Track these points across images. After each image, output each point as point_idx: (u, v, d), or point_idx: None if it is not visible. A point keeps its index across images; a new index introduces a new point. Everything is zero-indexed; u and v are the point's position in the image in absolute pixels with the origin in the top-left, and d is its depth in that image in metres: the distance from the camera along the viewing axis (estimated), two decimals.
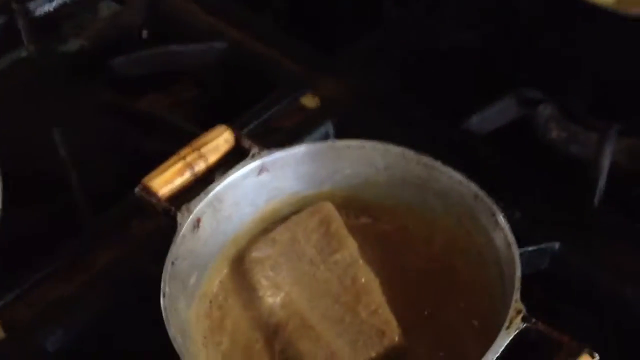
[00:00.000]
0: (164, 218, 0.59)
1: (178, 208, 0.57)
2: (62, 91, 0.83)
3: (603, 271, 0.64)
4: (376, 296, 0.58)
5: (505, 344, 0.48)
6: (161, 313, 0.52)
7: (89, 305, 0.65)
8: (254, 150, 0.62)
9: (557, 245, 0.66)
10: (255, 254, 0.60)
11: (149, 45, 0.91)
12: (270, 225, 0.63)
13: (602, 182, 0.71)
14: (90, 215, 0.71)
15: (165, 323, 0.50)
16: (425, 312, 0.58)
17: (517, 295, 0.50)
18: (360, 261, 0.60)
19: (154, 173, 0.59)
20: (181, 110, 0.88)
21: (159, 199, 0.58)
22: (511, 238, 0.54)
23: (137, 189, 0.58)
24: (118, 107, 0.83)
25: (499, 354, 0.48)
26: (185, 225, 0.56)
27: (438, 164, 0.60)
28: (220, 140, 0.62)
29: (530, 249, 0.64)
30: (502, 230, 0.55)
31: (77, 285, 0.66)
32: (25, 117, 0.81)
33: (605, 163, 0.72)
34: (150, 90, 0.91)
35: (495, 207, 0.56)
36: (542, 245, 0.65)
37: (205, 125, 0.69)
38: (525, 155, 0.76)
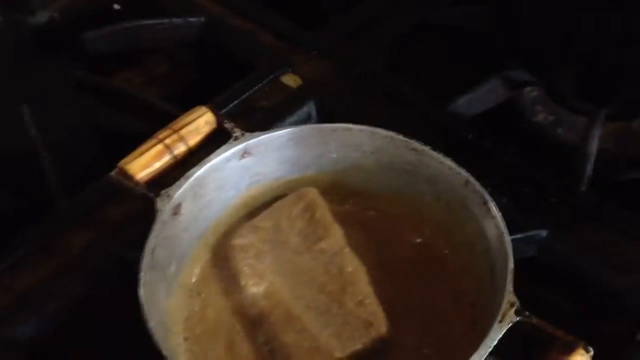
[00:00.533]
0: (142, 202, 0.57)
1: (157, 193, 0.54)
2: (31, 66, 0.79)
3: (590, 258, 0.63)
4: (363, 286, 0.56)
5: (499, 338, 0.47)
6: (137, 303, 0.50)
7: (63, 291, 0.63)
8: (237, 133, 0.59)
9: (544, 232, 0.65)
10: (238, 241, 0.58)
11: (122, 19, 0.87)
12: (253, 211, 0.61)
13: (589, 167, 0.70)
14: (63, 197, 0.68)
15: (143, 315, 0.48)
16: (413, 303, 0.57)
17: (510, 287, 0.49)
18: (347, 249, 0.58)
19: (131, 156, 0.56)
20: (156, 88, 0.84)
21: (137, 184, 0.55)
22: (503, 227, 0.52)
23: (113, 173, 0.56)
24: (91, 84, 0.79)
25: (491, 348, 0.47)
26: (165, 211, 0.54)
27: (428, 149, 0.58)
28: (200, 122, 0.60)
29: (517, 236, 0.62)
30: (493, 219, 0.53)
31: (50, 270, 0.63)
32: None
33: (593, 148, 0.71)
34: (124, 67, 0.88)
35: (486, 195, 0.55)
36: (530, 233, 0.64)
37: (182, 104, 0.66)
38: (512, 138, 0.74)
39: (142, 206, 0.59)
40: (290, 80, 0.80)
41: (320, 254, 0.58)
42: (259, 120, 0.74)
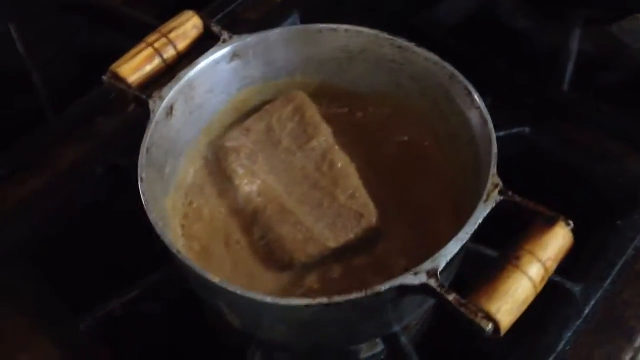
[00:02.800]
0: (132, 113, 0.58)
1: (150, 95, 0.55)
2: None
3: (572, 152, 0.66)
4: (353, 180, 0.58)
5: (484, 215, 0.49)
6: (135, 204, 0.52)
7: (59, 200, 0.64)
8: (224, 35, 0.60)
9: (527, 129, 0.67)
10: (230, 143, 0.60)
11: None
12: (243, 115, 0.62)
13: (570, 67, 0.72)
14: (52, 111, 0.69)
15: (145, 207, 0.50)
16: (401, 196, 0.59)
17: (493, 170, 0.51)
18: (336, 147, 0.60)
19: (121, 60, 0.57)
20: (139, 5, 0.84)
21: (129, 86, 0.56)
22: (487, 115, 0.54)
23: (105, 77, 0.56)
24: (76, 3, 0.79)
25: (477, 226, 0.49)
26: (158, 112, 0.55)
27: (412, 45, 0.59)
28: (188, 26, 0.60)
29: (501, 133, 0.64)
30: (477, 108, 0.55)
31: (45, 180, 0.65)
32: None
33: (573, 48, 0.73)
34: None
35: (470, 86, 0.56)
36: (514, 130, 0.66)
37: (166, 20, 0.66)
38: (493, 43, 0.75)
39: (131, 117, 0.60)
40: None
41: (311, 152, 0.59)
42: (244, 32, 0.74)
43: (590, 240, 0.59)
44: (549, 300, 0.52)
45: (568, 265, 0.49)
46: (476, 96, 0.55)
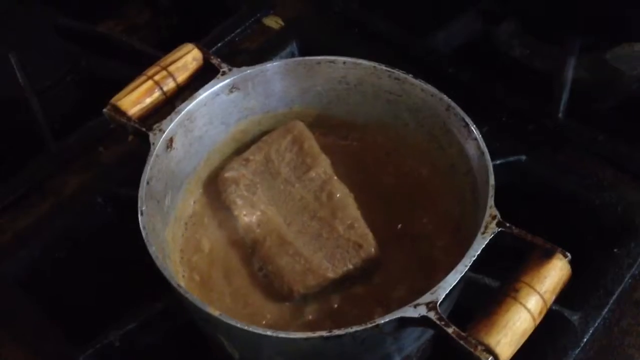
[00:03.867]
0: (132, 143, 0.58)
1: (150, 128, 0.56)
2: (14, 14, 0.79)
3: (567, 179, 0.66)
4: (352, 211, 0.58)
5: (482, 248, 0.49)
6: (136, 235, 0.52)
7: (59, 230, 0.64)
8: (224, 68, 0.61)
9: (523, 157, 0.67)
10: (229, 174, 0.60)
11: None
12: (243, 145, 0.63)
13: (565, 95, 0.72)
14: (53, 140, 0.69)
15: (145, 241, 0.50)
16: (399, 225, 0.59)
17: (491, 201, 0.51)
18: (335, 177, 0.60)
19: (122, 93, 0.57)
20: (138, 35, 0.85)
21: (129, 119, 0.56)
22: (484, 147, 0.55)
23: (106, 110, 0.57)
24: (75, 31, 0.80)
25: (475, 258, 0.49)
26: (159, 145, 0.55)
27: (410, 77, 0.60)
28: (188, 58, 0.61)
29: (498, 162, 0.65)
30: (475, 140, 0.55)
31: (46, 210, 0.65)
32: None
33: (569, 75, 0.73)
34: (104, 16, 0.88)
35: (467, 118, 0.57)
36: (510, 159, 0.66)
37: (165, 49, 0.67)
38: (490, 71, 0.76)
39: (133, 147, 0.60)
40: (272, 21, 0.81)
41: (309, 183, 0.60)
42: (243, 61, 0.75)
43: (587, 268, 0.60)
44: (548, 329, 0.52)
45: (566, 293, 0.50)
46: (473, 128, 0.56)
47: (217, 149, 0.61)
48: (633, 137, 0.73)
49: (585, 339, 0.58)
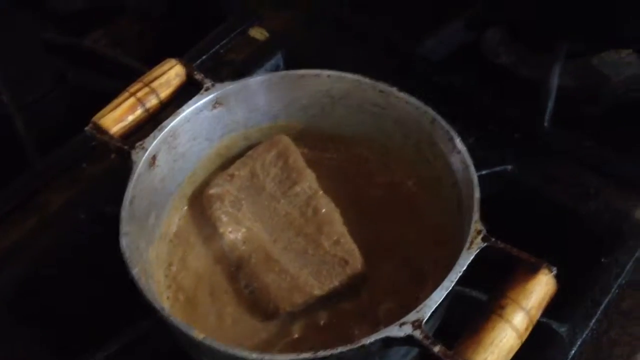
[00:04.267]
0: (115, 160, 0.58)
1: (132, 146, 0.55)
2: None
3: (554, 190, 0.66)
4: (338, 226, 0.58)
5: (467, 263, 0.49)
6: (120, 253, 0.51)
7: (44, 247, 0.64)
8: (207, 83, 0.60)
9: (510, 167, 0.67)
10: (214, 190, 0.60)
11: None
12: (227, 161, 0.62)
13: (551, 104, 0.72)
14: (38, 157, 0.69)
15: (127, 263, 0.50)
16: (386, 239, 0.59)
17: (476, 216, 0.51)
18: (320, 192, 0.60)
19: (104, 110, 0.57)
20: (125, 47, 0.85)
21: (111, 137, 0.56)
22: (469, 160, 0.54)
23: (87, 128, 0.56)
24: (60, 45, 0.79)
25: (461, 274, 0.49)
26: (141, 163, 0.55)
27: (394, 90, 0.59)
28: (171, 74, 0.60)
29: (485, 172, 0.65)
30: (459, 153, 0.55)
31: (31, 227, 0.64)
32: None
33: (554, 84, 0.73)
34: (92, 27, 0.88)
35: (452, 131, 0.56)
36: (496, 168, 0.66)
37: (152, 61, 0.66)
38: (478, 79, 0.76)
39: (117, 163, 0.60)
40: (257, 33, 0.81)
41: (295, 198, 0.60)
42: (229, 73, 0.74)
43: (574, 279, 0.59)
44: (536, 341, 0.52)
45: (554, 305, 0.49)
46: (458, 141, 0.56)
47: (201, 165, 0.61)
48: (620, 144, 0.73)
49: (573, 351, 0.58)
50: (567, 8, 0.70)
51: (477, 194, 0.52)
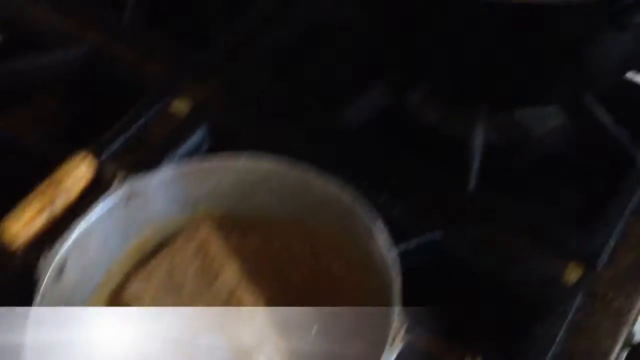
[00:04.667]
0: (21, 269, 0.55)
1: (37, 257, 0.53)
2: None
3: (481, 257, 0.65)
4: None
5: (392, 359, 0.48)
6: None
7: None
8: (119, 176, 0.58)
9: (437, 235, 0.66)
10: (132, 290, 0.57)
11: (2, 54, 0.84)
12: (147, 256, 0.60)
13: (475, 164, 0.72)
14: None
15: None
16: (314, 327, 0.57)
17: (397, 309, 0.50)
18: (243, 282, 0.58)
19: (8, 220, 0.54)
20: (42, 127, 0.82)
21: (14, 251, 0.53)
22: (386, 253, 0.53)
23: None
24: None
25: None
26: (47, 275, 0.52)
27: (313, 173, 0.58)
28: (81, 170, 0.59)
29: (412, 242, 0.64)
30: (377, 244, 0.54)
31: None
32: None
33: (477, 144, 0.73)
34: (11, 105, 0.85)
35: (372, 212, 0.55)
36: (423, 238, 0.65)
37: (71, 141, 0.64)
38: (401, 144, 0.75)
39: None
40: (180, 105, 0.79)
41: (217, 292, 0.58)
42: (149, 153, 0.72)
43: (507, 355, 0.59)
44: None
45: None
46: (378, 223, 0.55)
47: (116, 266, 0.59)
48: (549, 200, 0.73)
49: None
50: (485, 72, 0.70)
51: (397, 286, 0.51)
